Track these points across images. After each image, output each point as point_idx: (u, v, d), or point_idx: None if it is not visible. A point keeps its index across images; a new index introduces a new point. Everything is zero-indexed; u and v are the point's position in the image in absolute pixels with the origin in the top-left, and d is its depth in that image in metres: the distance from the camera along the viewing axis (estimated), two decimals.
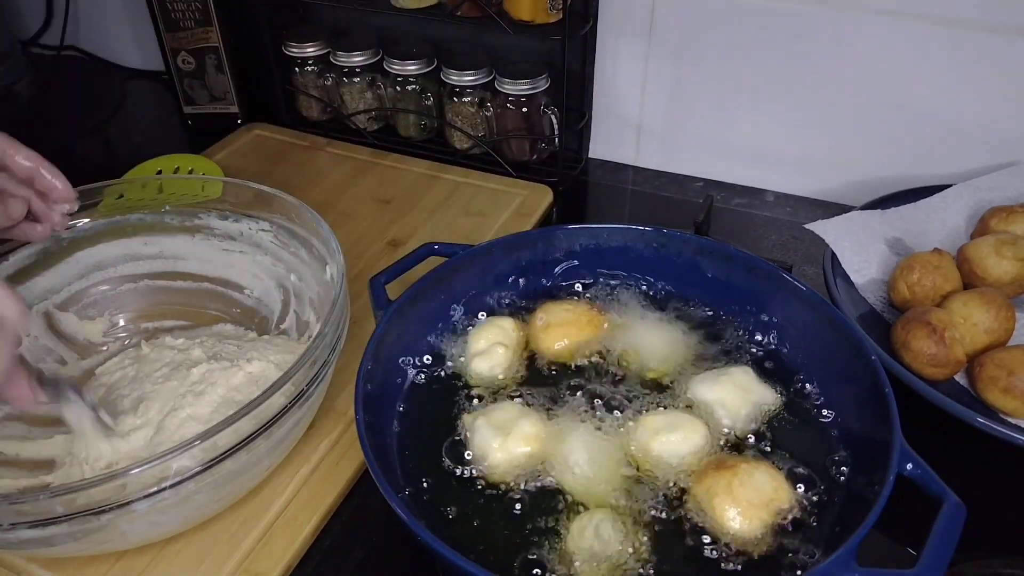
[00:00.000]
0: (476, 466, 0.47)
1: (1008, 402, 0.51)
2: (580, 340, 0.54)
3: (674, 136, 0.82)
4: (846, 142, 0.75)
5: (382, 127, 0.88)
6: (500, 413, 0.48)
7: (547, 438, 0.47)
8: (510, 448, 0.46)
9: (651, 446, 0.47)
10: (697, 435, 0.47)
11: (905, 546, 0.48)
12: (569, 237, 0.59)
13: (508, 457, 0.46)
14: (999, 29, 0.65)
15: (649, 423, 0.48)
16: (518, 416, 0.48)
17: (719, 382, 0.50)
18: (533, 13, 0.72)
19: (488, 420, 0.48)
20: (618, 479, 0.45)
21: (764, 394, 0.50)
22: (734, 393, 0.49)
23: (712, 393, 0.49)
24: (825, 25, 0.70)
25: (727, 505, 0.43)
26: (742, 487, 0.43)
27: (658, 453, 0.46)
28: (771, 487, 0.44)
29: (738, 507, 0.43)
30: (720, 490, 0.43)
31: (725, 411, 0.49)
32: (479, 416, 0.48)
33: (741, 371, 0.51)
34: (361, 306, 0.61)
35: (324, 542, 0.49)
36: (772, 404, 0.50)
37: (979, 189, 0.67)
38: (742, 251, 0.56)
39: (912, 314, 0.55)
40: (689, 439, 0.47)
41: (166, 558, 0.46)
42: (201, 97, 0.90)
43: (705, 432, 0.47)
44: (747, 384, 0.50)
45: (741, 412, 0.49)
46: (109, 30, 1.05)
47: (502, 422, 0.47)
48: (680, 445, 0.46)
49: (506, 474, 0.46)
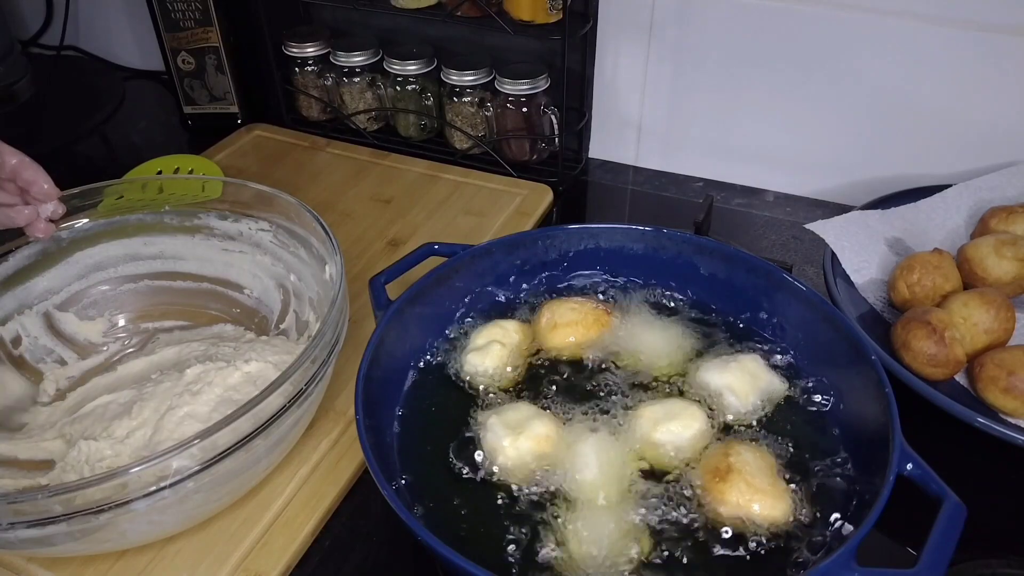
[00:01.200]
0: (484, 464, 0.46)
1: (1008, 402, 0.51)
2: (587, 338, 0.54)
3: (674, 136, 0.82)
4: (846, 142, 0.75)
5: (382, 127, 0.88)
6: (513, 413, 0.48)
7: (559, 440, 0.47)
8: (521, 447, 0.46)
9: (653, 436, 0.47)
10: (697, 421, 0.47)
11: (905, 546, 0.48)
12: (569, 237, 0.59)
13: (518, 456, 0.46)
14: (998, 29, 0.65)
15: (648, 413, 0.48)
16: (531, 416, 0.48)
17: (728, 368, 0.50)
18: (533, 13, 0.72)
19: (501, 419, 0.48)
20: (627, 482, 0.45)
21: (772, 381, 0.50)
22: (743, 379, 0.50)
23: (721, 379, 0.50)
24: (825, 25, 0.70)
25: (729, 507, 0.43)
26: (743, 490, 0.43)
27: (660, 442, 0.46)
28: (771, 487, 0.44)
29: (740, 509, 0.43)
30: (722, 491, 0.43)
31: (734, 396, 0.49)
32: (492, 414, 0.48)
33: (750, 358, 0.51)
34: (361, 306, 0.61)
35: (324, 542, 0.49)
36: (780, 392, 0.50)
37: (979, 189, 0.67)
38: (742, 251, 0.56)
39: (912, 314, 0.55)
40: (689, 426, 0.47)
41: (166, 557, 0.46)
42: (201, 97, 0.90)
43: (703, 417, 0.48)
44: (756, 371, 0.50)
45: (750, 398, 0.49)
46: (109, 30, 1.05)
47: (515, 421, 0.47)
48: (681, 433, 0.47)
49: (514, 473, 0.46)
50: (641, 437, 0.47)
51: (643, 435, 0.47)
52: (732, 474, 0.43)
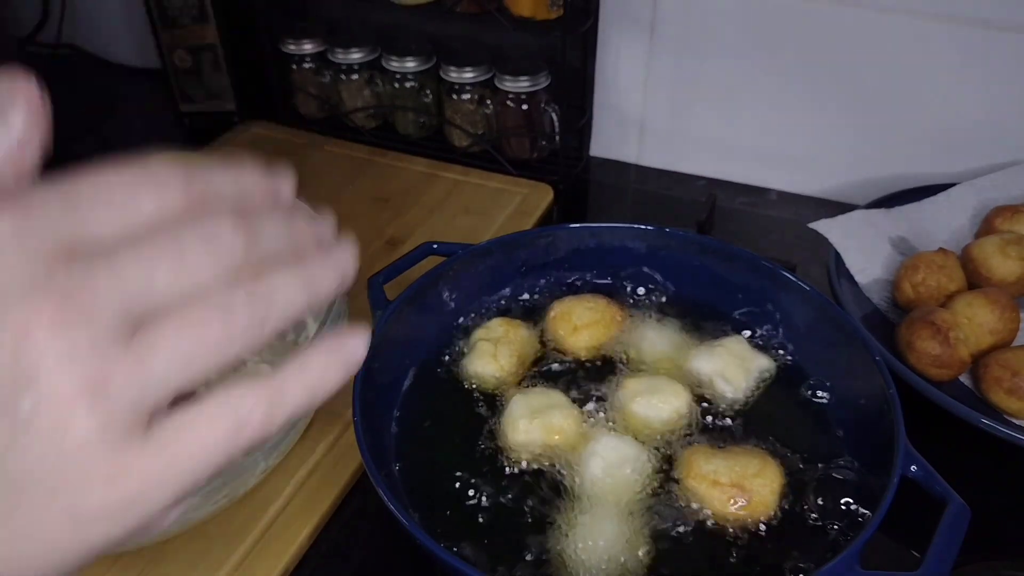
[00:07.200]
0: (496, 442, 0.47)
1: (1012, 403, 0.51)
2: (605, 338, 0.54)
3: (676, 134, 0.81)
4: (850, 141, 0.75)
5: (380, 125, 0.88)
6: (541, 398, 0.48)
7: (573, 435, 0.47)
8: (532, 431, 0.46)
9: (630, 407, 0.47)
10: (678, 399, 0.47)
11: (909, 548, 0.47)
12: (570, 236, 0.58)
13: (527, 439, 0.46)
14: (1005, 27, 0.64)
15: (630, 385, 0.48)
16: (555, 406, 0.47)
17: (715, 353, 0.50)
18: (533, 9, 0.71)
19: (526, 399, 0.48)
20: (633, 490, 0.45)
21: (760, 361, 0.51)
22: (732, 363, 0.50)
23: (711, 365, 0.50)
24: (830, 22, 0.69)
25: (723, 505, 0.43)
26: (744, 488, 0.43)
27: (638, 415, 0.47)
28: (772, 489, 0.43)
29: (741, 511, 0.42)
30: (721, 497, 0.43)
31: (727, 384, 0.49)
32: (519, 393, 0.48)
33: (734, 340, 0.51)
34: (359, 306, 0.61)
35: (321, 546, 0.48)
36: (769, 370, 0.51)
37: (984, 188, 0.67)
38: (745, 251, 0.56)
39: (916, 314, 0.54)
40: (669, 402, 0.47)
41: (162, 561, 0.46)
42: (198, 95, 0.90)
43: (687, 397, 0.48)
44: (743, 352, 0.51)
45: (742, 383, 0.49)
46: (105, 28, 1.04)
47: (538, 406, 0.47)
48: (661, 409, 0.47)
49: (521, 455, 0.46)
50: (619, 406, 0.48)
51: (621, 404, 0.48)
52: (734, 488, 0.43)
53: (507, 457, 0.46)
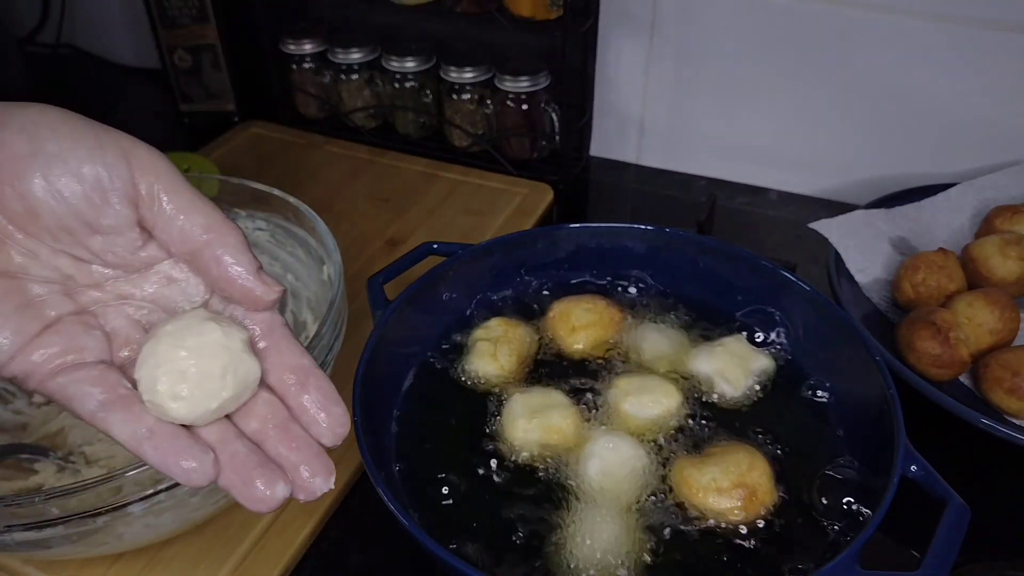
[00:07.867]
0: (496, 441, 0.47)
1: (1012, 403, 0.51)
2: (603, 339, 0.53)
3: (676, 134, 0.81)
4: (850, 141, 0.75)
5: (380, 125, 0.88)
6: (541, 397, 0.48)
7: (572, 435, 0.47)
8: (530, 432, 0.46)
9: (621, 406, 0.47)
10: (668, 399, 0.47)
11: (909, 548, 0.47)
12: (570, 236, 0.58)
13: (525, 439, 0.46)
14: (1005, 26, 0.64)
15: (622, 385, 0.48)
16: (555, 406, 0.47)
17: (715, 353, 0.50)
18: (533, 9, 0.71)
19: (526, 398, 0.48)
20: (632, 496, 0.44)
21: (760, 361, 0.51)
22: (732, 362, 0.49)
23: (710, 365, 0.50)
24: (829, 22, 0.69)
25: (732, 510, 0.42)
26: (747, 485, 0.43)
27: (629, 414, 0.47)
28: (768, 476, 0.43)
29: (750, 508, 0.42)
30: (723, 494, 0.43)
31: (727, 384, 0.49)
32: (519, 392, 0.48)
33: (734, 339, 0.51)
34: (359, 306, 0.61)
35: (321, 546, 0.48)
36: (769, 370, 0.50)
37: (984, 188, 0.67)
38: (745, 251, 0.56)
39: (917, 314, 0.54)
40: (659, 402, 0.47)
41: (162, 561, 0.46)
42: (198, 95, 0.90)
43: (679, 398, 0.48)
44: (743, 352, 0.50)
45: (742, 383, 0.49)
46: (105, 28, 1.04)
47: (537, 405, 0.47)
48: (651, 408, 0.47)
49: (521, 454, 0.46)
50: (611, 406, 0.48)
51: (613, 404, 0.48)
52: (738, 488, 0.43)
53: (507, 457, 0.46)
